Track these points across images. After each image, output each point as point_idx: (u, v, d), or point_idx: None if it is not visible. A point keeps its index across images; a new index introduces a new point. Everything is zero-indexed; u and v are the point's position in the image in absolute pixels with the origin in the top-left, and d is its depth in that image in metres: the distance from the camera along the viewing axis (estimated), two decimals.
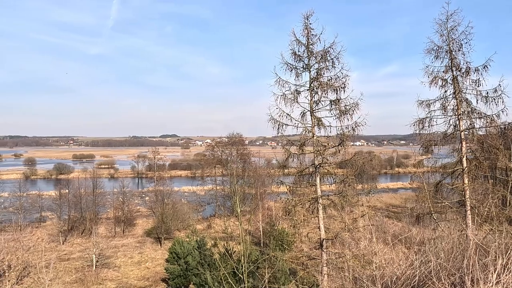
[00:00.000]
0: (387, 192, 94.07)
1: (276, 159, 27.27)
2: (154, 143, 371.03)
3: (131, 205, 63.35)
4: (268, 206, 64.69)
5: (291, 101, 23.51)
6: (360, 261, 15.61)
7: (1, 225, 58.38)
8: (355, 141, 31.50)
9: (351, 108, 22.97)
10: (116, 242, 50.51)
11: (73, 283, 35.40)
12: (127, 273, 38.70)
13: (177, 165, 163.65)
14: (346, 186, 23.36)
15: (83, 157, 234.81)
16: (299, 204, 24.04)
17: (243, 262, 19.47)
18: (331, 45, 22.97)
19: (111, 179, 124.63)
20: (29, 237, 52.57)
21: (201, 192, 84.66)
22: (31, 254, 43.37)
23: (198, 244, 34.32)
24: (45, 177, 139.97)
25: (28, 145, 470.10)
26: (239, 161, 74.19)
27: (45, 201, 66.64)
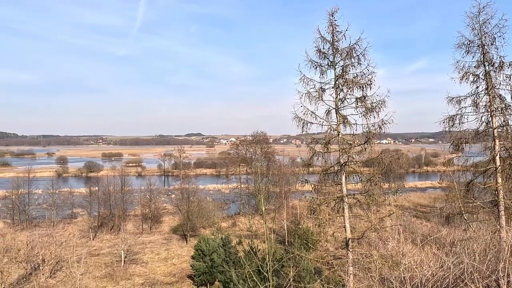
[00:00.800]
0: (415, 191, 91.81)
1: (301, 157, 27.10)
2: (180, 141, 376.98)
3: (158, 203, 64.58)
4: (293, 205, 64.45)
5: (315, 99, 23.25)
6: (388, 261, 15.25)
7: (36, 220, 60.80)
8: (381, 139, 30.88)
9: (378, 106, 22.50)
10: (144, 239, 51.64)
11: (103, 278, 36.45)
12: (154, 269, 39.50)
13: (202, 164, 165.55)
14: (372, 185, 22.90)
15: (112, 156, 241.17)
16: (324, 203, 23.78)
17: (268, 261, 19.51)
18: (356, 41, 22.57)
19: (138, 177, 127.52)
20: (61, 232, 54.49)
21: (226, 190, 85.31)
22: (63, 249, 44.99)
23: (223, 242, 34.61)
24: (76, 175, 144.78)
25: (60, 144, 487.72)
26: (263, 160, 74.19)
27: (76, 198, 68.92)
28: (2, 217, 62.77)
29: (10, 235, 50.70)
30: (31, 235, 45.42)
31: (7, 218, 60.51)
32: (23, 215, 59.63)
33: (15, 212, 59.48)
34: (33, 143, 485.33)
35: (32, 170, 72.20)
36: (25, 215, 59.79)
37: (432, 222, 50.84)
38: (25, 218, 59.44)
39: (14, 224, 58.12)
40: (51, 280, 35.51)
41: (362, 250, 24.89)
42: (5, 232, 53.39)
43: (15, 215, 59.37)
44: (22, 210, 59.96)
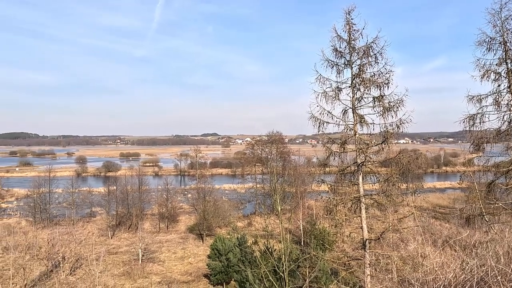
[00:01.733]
0: (434, 192, 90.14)
1: (317, 157, 26.94)
2: (196, 141, 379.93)
3: (174, 202, 65.18)
4: (309, 205, 64.10)
5: (332, 98, 23.06)
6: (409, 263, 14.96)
7: (56, 219, 62.25)
8: (399, 139, 30.46)
9: (395, 105, 22.16)
10: (161, 238, 52.21)
11: (121, 275, 37.01)
12: (171, 267, 39.89)
13: (218, 163, 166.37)
14: (390, 185, 22.58)
15: (130, 156, 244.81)
16: (340, 203, 23.58)
17: (284, 261, 19.46)
18: (374, 40, 22.29)
19: (155, 177, 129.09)
20: (81, 231, 55.63)
21: (242, 190, 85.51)
22: (82, 247, 45.95)
23: (239, 241, 34.69)
24: (94, 174, 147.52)
25: (79, 144, 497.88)
26: (279, 160, 74.04)
27: (95, 197, 70.24)
28: (24, 216, 64.43)
29: (32, 233, 52.07)
30: (52, 233, 46.54)
31: (29, 216, 62.05)
32: (44, 214, 61.07)
33: (36, 211, 60.96)
34: (54, 143, 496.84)
35: (52, 169, 73.86)
36: (46, 213, 61.24)
37: (451, 224, 49.81)
38: (46, 216, 60.88)
39: (35, 222, 59.57)
40: (71, 277, 36.25)
41: (379, 251, 24.57)
42: (27, 230, 54.86)
43: (37, 213, 60.84)
44: (43, 208, 61.42)
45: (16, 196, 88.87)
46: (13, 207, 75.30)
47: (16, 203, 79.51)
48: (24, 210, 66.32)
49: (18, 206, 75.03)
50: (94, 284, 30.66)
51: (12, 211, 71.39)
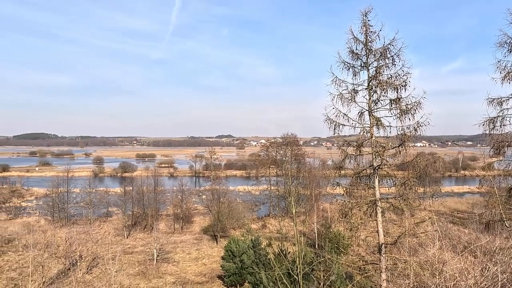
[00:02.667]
0: (452, 196, 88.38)
1: (332, 160, 26.78)
2: (211, 143, 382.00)
3: (189, 203, 65.62)
4: (323, 208, 63.64)
5: (348, 100, 22.88)
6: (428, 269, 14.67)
7: (74, 218, 63.40)
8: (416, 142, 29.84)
9: (413, 107, 21.84)
10: (175, 238, 52.60)
11: (136, 275, 37.41)
12: (185, 268, 40.12)
13: (232, 165, 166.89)
14: (407, 189, 22.23)
15: (145, 156, 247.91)
16: (356, 206, 23.33)
17: (298, 264, 19.37)
18: (391, 41, 22.04)
19: (170, 178, 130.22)
20: (97, 230, 56.49)
21: (256, 192, 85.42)
22: (99, 247, 46.63)
23: (253, 243, 34.65)
24: (111, 174, 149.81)
25: (96, 145, 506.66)
26: (293, 162, 73.76)
27: (111, 197, 71.24)
28: (43, 214, 65.85)
29: (50, 231, 53.17)
30: (70, 232, 47.43)
31: (48, 215, 63.36)
32: (62, 213, 62.26)
33: (55, 210, 62.21)
34: (72, 143, 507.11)
35: (70, 170, 75.39)
36: (64, 212, 62.42)
37: (470, 229, 48.69)
38: (64, 215, 62.05)
39: (54, 221, 60.79)
40: (87, 275, 36.82)
41: (396, 256, 24.19)
42: (46, 228, 56.04)
43: (55, 212, 62.08)
44: (61, 208, 62.64)
45: (35, 195, 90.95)
46: (33, 206, 77.07)
47: (36, 202, 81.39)
48: (43, 209, 67.78)
49: (38, 205, 76.77)
50: (110, 283, 31.05)
51: (32, 210, 73.08)
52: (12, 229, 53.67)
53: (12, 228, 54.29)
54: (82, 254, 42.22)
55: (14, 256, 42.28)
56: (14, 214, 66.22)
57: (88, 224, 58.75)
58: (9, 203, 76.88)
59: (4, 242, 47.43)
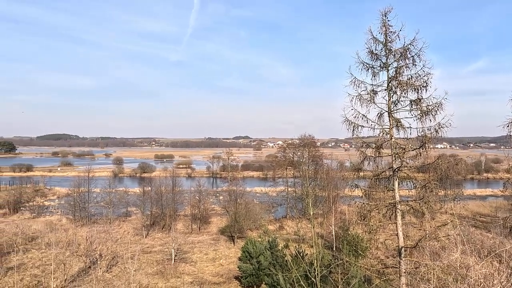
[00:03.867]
0: (474, 199, 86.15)
1: (350, 161, 26.49)
2: (228, 144, 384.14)
3: (207, 204, 66.03)
4: (341, 210, 63.04)
5: (367, 101, 22.61)
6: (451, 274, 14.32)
7: (94, 217, 64.68)
8: (436, 144, 29.15)
9: (434, 108, 21.40)
10: (193, 238, 53.01)
11: (154, 274, 37.86)
12: (202, 268, 40.38)
13: (249, 166, 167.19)
14: (427, 192, 21.80)
15: (164, 157, 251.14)
16: (375, 209, 23.01)
17: (316, 266, 19.22)
18: (411, 41, 21.67)
19: (188, 178, 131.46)
20: (117, 229, 57.45)
21: (273, 193, 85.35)
22: (118, 246, 47.41)
23: (270, 245, 34.61)
24: (130, 175, 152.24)
25: (116, 146, 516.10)
26: (310, 163, 73.38)
27: (130, 197, 72.38)
28: (65, 213, 67.42)
29: (71, 230, 54.42)
30: (90, 231, 48.37)
31: (69, 214, 64.84)
32: (83, 212, 63.60)
33: (76, 209, 63.59)
34: (92, 144, 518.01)
35: (91, 170, 76.93)
36: (85, 212, 63.74)
37: (493, 233, 47.37)
38: (85, 215, 63.37)
39: (75, 220, 62.15)
40: (107, 274, 37.47)
41: (416, 260, 23.74)
42: (67, 227, 57.39)
43: (76, 211, 63.46)
44: (82, 207, 64.00)
45: (58, 195, 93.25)
46: (55, 205, 79.02)
47: (58, 201, 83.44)
48: (64, 208, 69.42)
49: (59, 204, 78.70)
50: (129, 282, 31.55)
51: (54, 209, 74.93)
52: (36, 228, 55.17)
53: (36, 227, 55.81)
54: (102, 253, 43.00)
55: (37, 253, 43.42)
56: (37, 213, 68.07)
57: (108, 224, 59.85)
58: (33, 202, 79.15)
59: (28, 240, 48.78)
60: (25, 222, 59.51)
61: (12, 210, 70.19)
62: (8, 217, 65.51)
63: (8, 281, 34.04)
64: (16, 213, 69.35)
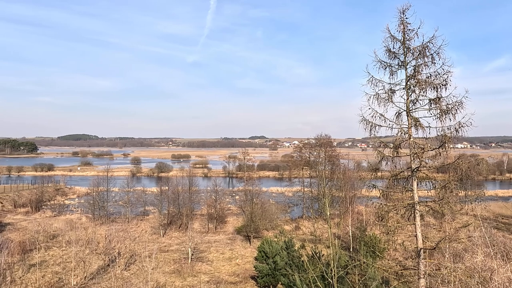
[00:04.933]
0: (496, 200, 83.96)
1: (368, 161, 26.15)
2: (244, 144, 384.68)
3: (223, 203, 66.34)
4: (358, 210, 62.37)
5: (385, 100, 22.24)
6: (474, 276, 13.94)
7: (113, 216, 65.78)
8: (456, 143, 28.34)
9: (454, 107, 20.88)
10: (209, 238, 53.33)
11: (172, 273, 38.26)
12: (219, 268, 40.58)
13: (265, 166, 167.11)
14: (447, 193, 21.32)
15: (180, 157, 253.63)
16: (393, 209, 22.64)
17: (333, 267, 19.05)
18: (430, 39, 21.20)
19: (204, 178, 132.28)
20: (135, 228, 58.30)
21: (289, 193, 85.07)
22: (136, 244, 48.11)
23: (286, 245, 34.53)
24: (148, 174, 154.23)
25: (134, 146, 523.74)
26: (327, 163, 72.83)
27: (148, 196, 73.35)
28: (84, 212, 68.80)
29: (91, 228, 55.48)
30: (109, 229, 49.21)
31: (89, 213, 66.13)
32: (102, 211, 64.76)
33: (95, 208, 64.84)
34: (111, 144, 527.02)
35: (110, 169, 78.31)
36: (104, 211, 64.89)
37: None
38: (104, 213, 64.51)
39: (94, 218, 63.35)
40: (125, 272, 38.04)
41: (436, 262, 23.27)
42: (87, 225, 58.53)
43: (96, 210, 64.70)
44: (101, 206, 65.19)
45: (77, 194, 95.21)
46: (75, 204, 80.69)
47: (78, 200, 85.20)
48: (84, 207, 70.83)
49: (79, 203, 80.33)
50: (147, 280, 31.98)
51: (74, 208, 76.54)
52: (57, 226, 56.47)
53: (56, 225, 57.12)
54: (121, 251, 43.72)
55: (58, 251, 44.43)
56: (58, 211, 69.65)
57: (126, 222, 60.79)
58: (54, 201, 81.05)
59: (49, 238, 49.98)
60: (47, 220, 61.00)
61: (34, 208, 72.06)
62: (31, 215, 67.26)
63: (30, 278, 34.95)
64: (38, 211, 71.13)
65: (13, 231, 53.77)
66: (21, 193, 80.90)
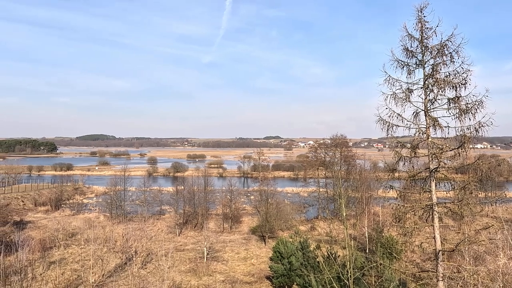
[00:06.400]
0: None
1: (385, 162, 25.80)
2: (258, 144, 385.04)
3: (238, 203, 66.52)
4: (375, 211, 61.66)
5: (402, 100, 21.94)
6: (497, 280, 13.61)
7: (130, 215, 66.72)
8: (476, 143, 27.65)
9: (474, 107, 20.43)
10: (224, 237, 53.56)
11: (187, 272, 38.57)
12: (234, 267, 40.71)
13: (280, 166, 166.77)
14: (467, 194, 20.88)
15: (196, 157, 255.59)
16: (410, 211, 22.31)
17: (349, 268, 18.91)
18: (449, 38, 20.80)
19: (219, 178, 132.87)
20: (151, 227, 58.98)
21: (304, 193, 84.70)
22: (152, 243, 48.67)
23: (301, 245, 34.38)
24: (164, 174, 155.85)
25: (150, 146, 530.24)
26: (343, 163, 72.23)
27: (164, 196, 74.15)
28: (102, 211, 69.99)
29: (108, 227, 56.38)
30: (126, 228, 50.00)
31: (106, 212, 67.24)
32: (119, 210, 65.77)
33: (112, 207, 65.87)
34: (128, 144, 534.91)
35: (127, 169, 79.40)
36: (121, 210, 65.88)
37: None
38: (121, 212, 65.49)
39: (112, 217, 64.35)
40: (142, 270, 38.54)
41: (455, 264, 22.82)
42: (105, 224, 59.51)
43: (113, 209, 65.73)
44: (118, 205, 66.21)
45: (95, 193, 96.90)
46: (93, 203, 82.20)
47: (96, 199, 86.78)
48: (102, 206, 72.08)
49: (97, 202, 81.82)
50: (163, 279, 32.31)
51: (92, 207, 77.96)
52: (75, 224, 57.62)
53: (75, 223, 58.28)
54: (137, 249, 44.30)
55: (77, 249, 45.33)
56: (76, 210, 71.07)
57: (143, 221, 61.55)
58: (73, 200, 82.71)
59: (68, 236, 51.04)
60: (66, 218, 62.31)
61: (54, 207, 73.73)
62: (50, 214, 68.84)
63: (50, 275, 35.75)
64: (58, 210, 72.74)
65: (33, 229, 55.15)
66: (41, 192, 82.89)
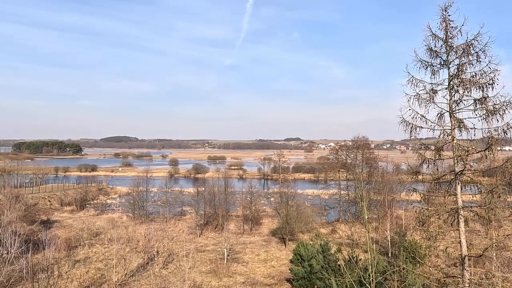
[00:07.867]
0: None
1: (408, 164, 25.26)
2: (279, 146, 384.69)
3: (258, 205, 66.53)
4: (397, 215, 60.45)
5: (426, 101, 21.44)
6: None
7: (152, 216, 67.78)
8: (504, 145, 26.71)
9: (502, 108, 19.76)
10: (244, 239, 53.66)
11: (208, 273, 38.84)
12: (254, 269, 40.72)
13: (300, 168, 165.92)
14: (494, 197, 20.20)
15: (216, 159, 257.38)
16: (435, 214, 21.75)
17: (371, 272, 18.61)
18: (475, 37, 20.20)
19: (240, 180, 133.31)
20: (173, 228, 59.74)
21: (325, 195, 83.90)
22: (174, 243, 49.25)
23: (322, 248, 34.09)
24: (185, 175, 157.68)
25: (172, 147, 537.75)
26: (364, 166, 71.21)
27: (185, 197, 74.95)
28: (125, 211, 71.38)
29: (131, 227, 57.44)
30: (148, 228, 50.78)
31: (129, 212, 68.56)
32: (142, 210, 66.94)
33: (135, 207, 67.14)
34: (150, 146, 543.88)
35: (149, 170, 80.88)
36: (143, 210, 67.05)
37: None
38: (143, 213, 66.66)
39: (134, 218, 65.58)
40: (163, 270, 39.06)
41: (481, 270, 22.11)
42: (127, 224, 60.68)
43: (135, 210, 66.98)
44: (141, 205, 67.39)
45: (119, 194, 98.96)
46: (116, 203, 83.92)
47: (119, 200, 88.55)
48: (125, 206, 73.47)
49: (120, 202, 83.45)
50: (184, 279, 32.61)
51: (115, 207, 79.61)
52: (99, 224, 58.96)
53: (99, 223, 59.64)
54: (159, 250, 44.94)
55: (100, 248, 46.36)
56: (100, 210, 72.74)
57: (164, 222, 62.43)
58: (97, 200, 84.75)
59: (92, 235, 52.28)
60: (90, 218, 63.84)
61: (79, 207, 75.75)
62: (76, 214, 70.75)
63: (76, 273, 36.70)
64: (82, 210, 74.69)
65: (59, 228, 56.77)
66: (67, 192, 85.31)
